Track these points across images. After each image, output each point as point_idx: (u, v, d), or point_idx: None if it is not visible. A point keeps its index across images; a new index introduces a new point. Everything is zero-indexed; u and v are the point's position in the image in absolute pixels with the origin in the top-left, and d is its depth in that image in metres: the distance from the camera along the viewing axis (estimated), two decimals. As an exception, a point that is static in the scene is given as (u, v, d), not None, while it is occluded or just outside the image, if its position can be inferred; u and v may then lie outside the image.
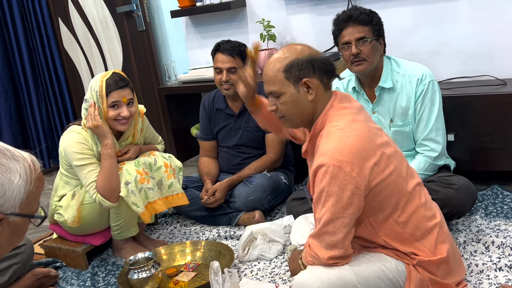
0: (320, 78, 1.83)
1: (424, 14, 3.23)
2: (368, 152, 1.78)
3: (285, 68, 1.82)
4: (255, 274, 2.46)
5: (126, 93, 2.62)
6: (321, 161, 1.75)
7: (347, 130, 1.80)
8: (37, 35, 4.52)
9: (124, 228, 2.74)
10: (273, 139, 3.10)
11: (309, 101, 1.84)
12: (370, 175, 1.77)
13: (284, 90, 1.84)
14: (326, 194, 1.75)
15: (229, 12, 3.83)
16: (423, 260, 1.84)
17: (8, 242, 1.21)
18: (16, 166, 1.16)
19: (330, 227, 1.77)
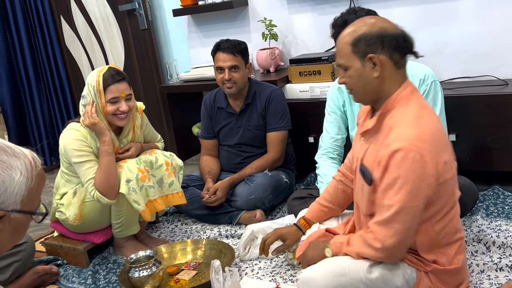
0: (390, 55, 1.73)
1: (425, 14, 3.23)
2: (444, 147, 1.73)
3: (353, 42, 1.75)
4: (255, 273, 2.46)
5: (124, 88, 2.62)
6: (402, 145, 1.66)
7: (424, 118, 1.73)
8: (39, 33, 4.52)
9: (126, 226, 2.74)
10: (275, 138, 3.11)
11: (374, 78, 1.75)
12: (442, 170, 1.71)
13: (350, 64, 1.77)
14: (403, 180, 1.66)
15: (231, 11, 3.83)
16: (438, 269, 1.81)
17: (10, 239, 1.22)
18: (17, 163, 1.17)
19: (402, 215, 1.68)
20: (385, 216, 1.71)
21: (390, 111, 1.77)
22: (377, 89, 1.78)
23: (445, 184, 1.74)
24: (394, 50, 1.73)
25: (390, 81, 1.76)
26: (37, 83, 4.63)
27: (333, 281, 1.77)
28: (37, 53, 4.60)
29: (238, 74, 3.01)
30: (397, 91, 1.77)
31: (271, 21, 3.58)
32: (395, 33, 1.75)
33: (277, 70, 3.69)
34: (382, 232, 1.72)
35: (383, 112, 1.79)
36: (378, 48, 1.73)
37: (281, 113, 3.11)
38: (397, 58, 1.75)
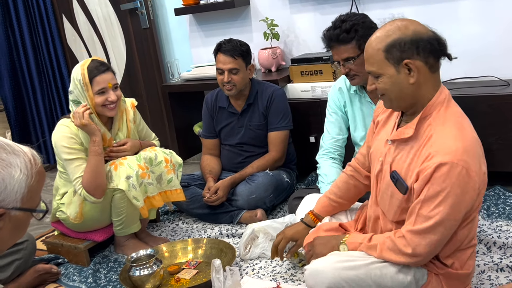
0: (425, 60, 1.67)
1: (427, 14, 3.22)
2: (483, 157, 1.70)
3: (386, 48, 1.68)
4: (256, 273, 2.46)
5: (110, 78, 2.64)
6: (448, 159, 1.60)
7: (466, 129, 1.70)
8: (41, 32, 4.53)
9: (126, 223, 2.74)
10: (276, 138, 3.11)
11: (410, 84, 1.68)
12: (483, 182, 1.68)
13: (383, 71, 1.71)
14: (447, 194, 1.62)
15: (233, 10, 3.83)
16: (450, 272, 1.80)
17: (10, 237, 1.22)
18: (16, 160, 1.17)
19: (441, 227, 1.65)
20: (422, 226, 1.67)
21: (427, 118, 1.72)
22: (413, 95, 1.72)
23: (482, 194, 1.73)
24: (429, 54, 1.68)
25: (426, 86, 1.71)
26: (39, 82, 4.64)
27: (341, 274, 1.75)
28: (39, 52, 4.60)
29: (237, 77, 3.01)
30: (434, 96, 1.72)
31: (273, 21, 3.58)
32: (429, 36, 1.70)
33: (278, 69, 3.69)
34: (416, 241, 1.69)
35: (421, 119, 1.73)
36: (413, 53, 1.67)
37: (283, 112, 3.11)
38: (432, 62, 1.70)
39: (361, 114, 2.65)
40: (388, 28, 1.73)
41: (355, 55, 2.41)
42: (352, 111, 2.67)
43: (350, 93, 2.65)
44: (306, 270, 1.84)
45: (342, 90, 2.68)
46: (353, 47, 2.42)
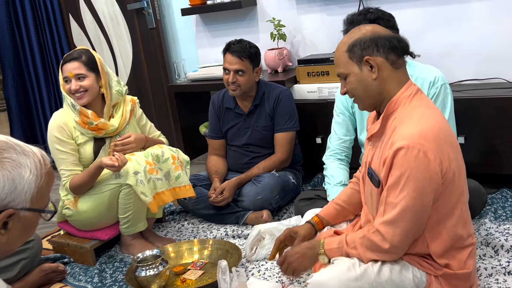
0: (385, 56, 1.77)
1: (436, 15, 3.21)
2: (448, 144, 1.73)
3: (348, 48, 1.80)
4: (262, 274, 2.46)
5: (72, 67, 2.69)
6: (405, 143, 1.67)
7: (428, 115, 1.75)
8: (47, 31, 4.53)
9: (133, 221, 2.74)
10: (282, 139, 3.10)
11: (373, 80, 1.78)
12: (447, 170, 1.71)
13: (348, 71, 1.81)
14: (407, 178, 1.67)
15: (239, 10, 3.83)
16: (449, 273, 1.80)
17: (20, 237, 1.22)
18: (26, 161, 1.17)
19: (409, 213, 1.69)
20: (392, 215, 1.71)
21: (393, 113, 1.79)
22: (378, 91, 1.80)
23: (452, 183, 1.74)
24: (389, 51, 1.78)
25: (390, 82, 1.79)
26: (45, 81, 4.65)
27: (345, 285, 1.76)
28: (45, 51, 4.61)
29: (243, 78, 3.01)
30: (399, 91, 1.79)
31: (280, 21, 3.57)
32: (387, 35, 1.80)
33: (285, 70, 3.69)
34: (390, 232, 1.72)
35: (386, 114, 1.81)
36: (373, 50, 1.77)
37: (289, 113, 3.10)
38: (394, 59, 1.78)
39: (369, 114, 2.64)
40: (351, 32, 1.85)
41: None
42: (360, 112, 2.65)
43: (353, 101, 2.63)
44: (309, 284, 1.83)
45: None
46: None
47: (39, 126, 4.76)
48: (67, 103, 2.74)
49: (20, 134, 4.68)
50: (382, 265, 1.79)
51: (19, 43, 4.58)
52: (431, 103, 1.84)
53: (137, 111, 2.94)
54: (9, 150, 1.16)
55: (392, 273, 1.78)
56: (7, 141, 1.18)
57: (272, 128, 3.13)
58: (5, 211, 1.14)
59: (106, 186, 2.67)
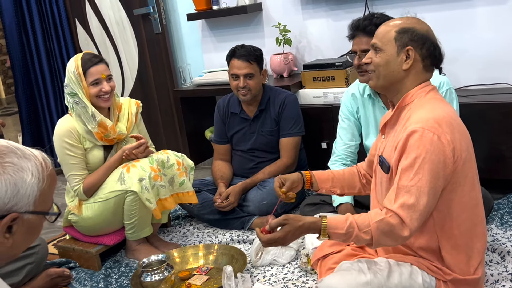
0: (423, 57, 1.81)
1: (441, 21, 3.21)
2: (460, 133, 1.74)
3: (400, 30, 1.82)
4: (267, 279, 2.45)
5: (103, 69, 2.69)
6: (419, 126, 1.69)
7: (442, 106, 1.78)
8: (54, 36, 4.56)
9: (138, 227, 2.75)
10: (287, 144, 3.10)
11: (402, 69, 1.81)
12: (458, 158, 1.72)
13: (386, 48, 1.82)
14: (423, 160, 1.67)
15: (245, 16, 3.84)
16: (458, 278, 1.79)
17: (24, 240, 1.22)
18: (27, 164, 1.17)
19: (425, 196, 1.67)
20: (411, 199, 1.67)
21: (408, 105, 1.82)
22: (398, 80, 1.83)
23: (463, 173, 1.74)
24: (429, 55, 1.81)
25: (414, 77, 1.82)
26: (52, 86, 4.67)
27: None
28: (52, 56, 4.63)
29: (253, 82, 3.01)
30: (417, 87, 1.82)
31: (285, 26, 3.57)
32: (436, 42, 1.83)
33: (290, 75, 3.69)
34: (409, 216, 1.67)
35: (401, 106, 1.83)
36: (418, 46, 1.80)
37: (295, 118, 3.10)
38: (427, 63, 1.82)
39: (374, 119, 2.63)
40: (407, 18, 1.88)
41: None
42: (365, 117, 2.65)
43: (363, 98, 2.63)
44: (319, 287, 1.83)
45: (355, 95, 2.67)
46: None
47: (46, 130, 4.78)
48: (84, 113, 2.67)
49: (29, 138, 4.70)
50: (391, 270, 1.79)
51: (27, 49, 4.60)
52: (445, 100, 1.87)
53: (138, 116, 2.94)
54: (10, 154, 1.17)
55: (402, 278, 1.78)
56: (7, 145, 1.18)
57: (278, 133, 3.13)
58: (9, 215, 1.14)
59: (111, 193, 2.67)
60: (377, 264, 1.84)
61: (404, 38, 1.80)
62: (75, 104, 2.68)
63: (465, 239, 1.79)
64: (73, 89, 2.67)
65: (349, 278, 1.78)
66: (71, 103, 2.70)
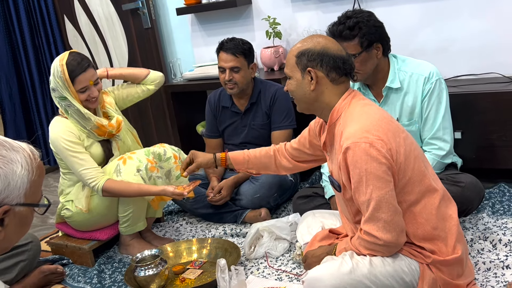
0: (327, 73, 1.88)
1: (430, 11, 3.22)
2: (391, 132, 1.81)
3: (297, 54, 1.91)
4: (261, 272, 2.46)
5: (90, 75, 2.65)
6: (350, 142, 1.78)
7: (366, 111, 1.86)
8: (42, 33, 4.53)
9: (133, 220, 2.74)
10: (279, 137, 3.10)
11: (311, 90, 1.90)
12: (397, 156, 1.79)
13: (292, 74, 1.94)
14: (366, 172, 1.76)
15: (234, 9, 3.83)
16: (438, 260, 1.84)
17: (16, 233, 1.22)
18: (16, 156, 1.17)
19: (382, 204, 1.76)
20: (368, 212, 1.79)
21: (338, 120, 1.90)
22: (313, 100, 1.93)
23: (407, 167, 1.81)
24: (332, 69, 1.88)
25: (328, 94, 1.91)
26: (40, 83, 4.64)
27: (339, 280, 1.80)
28: (40, 53, 4.60)
29: (239, 75, 3.01)
30: (339, 101, 1.91)
31: (275, 19, 3.57)
32: (335, 54, 1.89)
33: (281, 68, 3.69)
34: (373, 228, 1.79)
35: (332, 122, 1.92)
36: (317, 64, 1.88)
37: (286, 111, 3.10)
38: (334, 77, 1.89)
39: None
40: (306, 40, 1.96)
41: (356, 52, 2.40)
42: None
43: None
44: (305, 281, 1.87)
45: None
46: (355, 44, 2.40)
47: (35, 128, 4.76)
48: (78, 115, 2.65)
49: (14, 136, 4.67)
50: (372, 257, 1.84)
51: (15, 44, 4.57)
52: (368, 101, 1.94)
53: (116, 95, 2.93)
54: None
55: (385, 264, 1.82)
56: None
57: (269, 126, 3.13)
58: (1, 208, 1.14)
59: None
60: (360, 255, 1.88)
61: (303, 61, 1.90)
62: (68, 107, 2.65)
63: (432, 224, 1.85)
64: (62, 93, 2.63)
65: (332, 269, 1.83)
66: (64, 106, 2.66)
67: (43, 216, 3.38)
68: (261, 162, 2.32)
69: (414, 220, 1.84)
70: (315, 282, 1.83)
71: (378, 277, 1.80)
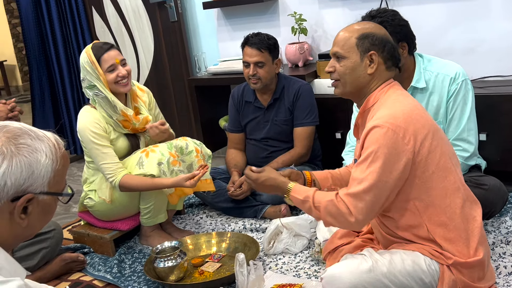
0: (385, 60, 1.88)
1: (458, 10, 3.17)
2: (420, 124, 1.80)
3: (360, 35, 1.88)
4: (279, 268, 2.47)
5: (115, 54, 2.69)
6: (376, 123, 1.78)
7: (400, 100, 1.85)
8: (70, 23, 4.58)
9: (154, 212, 2.77)
10: (301, 133, 3.10)
11: (367, 74, 1.88)
12: (420, 147, 1.78)
13: (349, 55, 1.89)
14: (375, 155, 1.75)
15: (261, 4, 3.82)
16: (459, 261, 1.81)
17: (39, 221, 1.24)
18: (41, 145, 1.19)
19: (374, 189, 1.76)
20: (356, 189, 1.78)
21: (372, 106, 1.90)
22: (364, 85, 1.90)
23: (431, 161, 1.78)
24: (390, 58, 1.89)
25: (377, 80, 1.90)
26: (68, 73, 4.70)
27: (358, 278, 1.79)
28: (68, 43, 4.66)
29: (263, 70, 3.01)
30: (378, 88, 1.90)
31: (301, 16, 3.56)
32: (394, 44, 1.92)
33: (305, 64, 3.68)
34: (353, 204, 1.78)
35: (365, 108, 1.92)
36: (379, 49, 1.87)
37: (309, 108, 3.09)
38: (390, 65, 1.91)
39: None
40: (367, 23, 1.96)
41: None
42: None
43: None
44: (323, 279, 1.86)
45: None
46: None
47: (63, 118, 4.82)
48: (106, 103, 2.68)
49: (42, 125, 4.74)
50: (392, 256, 1.82)
51: (44, 35, 4.64)
52: (404, 91, 1.94)
53: (151, 100, 2.94)
54: (24, 136, 1.18)
55: (405, 263, 1.81)
56: (21, 128, 1.20)
57: (292, 122, 3.12)
58: (25, 196, 1.16)
59: None
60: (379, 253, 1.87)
61: (365, 44, 1.87)
62: (96, 96, 2.68)
63: (455, 223, 1.82)
64: (91, 81, 2.67)
65: (351, 267, 1.82)
66: (91, 95, 2.70)
67: (66, 205, 3.43)
68: (342, 178, 2.22)
69: (437, 218, 1.82)
70: (333, 280, 1.82)
71: (397, 277, 1.79)
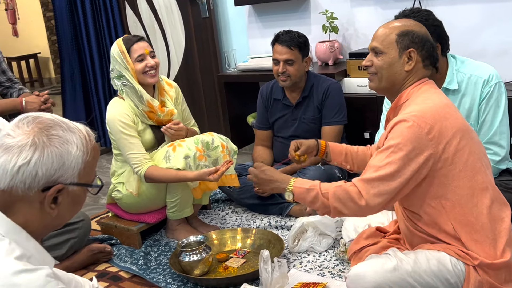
0: (423, 58, 1.89)
1: (493, 12, 3.12)
2: (450, 122, 1.78)
3: (400, 32, 1.88)
4: (304, 266, 2.46)
5: (145, 45, 2.76)
6: (403, 117, 1.78)
7: (433, 98, 1.85)
8: (104, 17, 4.64)
9: (180, 206, 2.79)
10: (329, 132, 3.09)
11: (404, 71, 1.88)
12: (446, 145, 1.76)
13: (387, 51, 1.89)
14: (396, 147, 1.75)
15: (292, 2, 3.82)
16: (485, 263, 1.78)
17: (69, 211, 1.26)
18: (72, 137, 1.21)
19: (390, 178, 1.76)
20: (373, 175, 1.78)
21: (404, 103, 1.89)
22: (400, 81, 1.90)
23: (457, 160, 1.76)
24: (428, 56, 1.89)
25: (413, 78, 1.90)
26: (100, 67, 4.76)
27: (383, 277, 1.77)
28: (101, 37, 4.72)
29: (292, 68, 3.01)
30: (413, 85, 1.89)
31: (333, 14, 3.54)
32: (434, 43, 1.92)
33: (335, 63, 3.66)
34: (365, 189, 1.78)
35: (399, 104, 1.91)
36: (419, 48, 1.88)
37: (338, 107, 3.08)
38: (427, 64, 1.91)
39: None
40: (406, 20, 1.95)
41: None
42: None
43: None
44: (348, 278, 1.85)
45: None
46: None
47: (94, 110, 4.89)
48: (133, 93, 2.72)
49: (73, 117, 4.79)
50: (417, 255, 1.80)
51: (78, 29, 4.71)
52: (439, 91, 1.93)
53: (179, 94, 2.97)
54: (55, 127, 1.20)
55: (430, 263, 1.78)
56: (53, 119, 1.22)
57: (320, 121, 3.12)
58: (55, 186, 1.18)
59: None
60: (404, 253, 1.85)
61: (405, 41, 1.87)
62: (123, 86, 2.73)
63: (482, 223, 1.79)
64: (120, 71, 2.72)
65: (376, 266, 1.80)
66: (119, 85, 2.75)
67: (95, 196, 3.48)
68: (358, 156, 2.26)
69: (463, 217, 1.79)
70: (358, 279, 1.81)
71: (422, 276, 1.77)
